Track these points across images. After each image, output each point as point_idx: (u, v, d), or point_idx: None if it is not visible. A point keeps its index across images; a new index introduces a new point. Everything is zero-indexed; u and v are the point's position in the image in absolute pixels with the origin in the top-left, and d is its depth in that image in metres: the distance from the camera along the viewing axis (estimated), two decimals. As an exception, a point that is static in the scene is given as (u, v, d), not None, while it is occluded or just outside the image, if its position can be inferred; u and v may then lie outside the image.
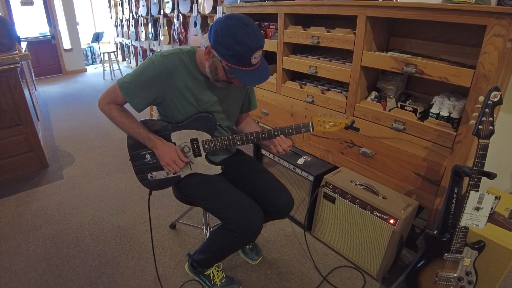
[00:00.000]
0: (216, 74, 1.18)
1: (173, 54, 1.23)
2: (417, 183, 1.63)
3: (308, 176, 1.81)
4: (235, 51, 1.05)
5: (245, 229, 1.25)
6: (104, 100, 1.29)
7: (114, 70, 6.00)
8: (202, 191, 1.35)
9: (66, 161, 2.86)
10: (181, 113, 1.31)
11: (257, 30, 1.08)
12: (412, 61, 1.50)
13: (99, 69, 6.76)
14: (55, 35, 5.92)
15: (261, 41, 1.08)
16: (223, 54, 1.08)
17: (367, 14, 1.59)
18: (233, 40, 1.04)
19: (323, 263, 1.73)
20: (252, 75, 1.12)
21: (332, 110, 1.86)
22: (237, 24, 1.05)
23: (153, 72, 1.21)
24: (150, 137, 1.28)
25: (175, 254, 1.79)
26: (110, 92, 1.28)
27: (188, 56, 1.25)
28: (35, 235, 1.96)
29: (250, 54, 1.06)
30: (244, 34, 1.04)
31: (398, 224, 1.50)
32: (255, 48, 1.06)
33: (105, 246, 1.86)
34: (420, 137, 1.56)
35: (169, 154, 1.27)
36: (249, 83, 1.15)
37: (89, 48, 7.08)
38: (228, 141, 1.33)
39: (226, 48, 1.06)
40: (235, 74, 1.11)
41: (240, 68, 1.10)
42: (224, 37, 1.06)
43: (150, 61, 1.22)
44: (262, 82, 1.16)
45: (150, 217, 1.56)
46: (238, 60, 1.08)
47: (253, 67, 1.11)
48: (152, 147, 1.30)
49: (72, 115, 4.10)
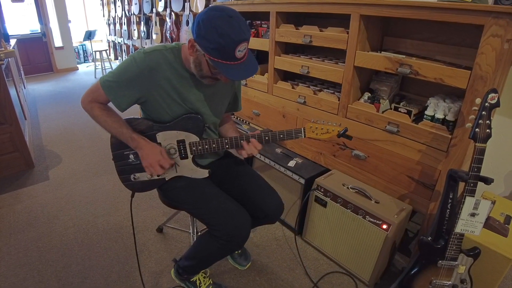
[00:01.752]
0: (200, 69, 1.11)
1: (156, 51, 1.15)
2: (411, 187, 1.57)
3: (299, 179, 1.74)
4: (218, 44, 0.98)
5: (231, 236, 1.18)
6: (87, 99, 1.22)
7: (106, 69, 5.87)
8: (187, 195, 1.27)
9: (53, 161, 2.76)
10: (167, 112, 1.24)
11: (241, 22, 1.01)
12: (407, 61, 1.45)
13: (91, 68, 6.62)
14: (46, 32, 5.77)
15: (246, 33, 1.01)
16: (206, 47, 1.02)
17: (361, 12, 1.53)
18: (215, 32, 0.97)
19: (314, 269, 1.67)
20: (237, 70, 1.04)
21: (325, 112, 1.80)
22: (220, 15, 0.98)
23: (135, 70, 1.13)
24: (133, 137, 1.21)
25: (161, 259, 1.71)
26: (93, 91, 1.21)
27: (173, 52, 1.18)
28: (17, 239, 1.87)
29: (233, 47, 0.99)
30: (227, 26, 0.97)
31: (391, 230, 1.45)
32: (239, 41, 0.99)
33: (90, 250, 1.78)
34: (414, 140, 1.50)
35: (153, 156, 1.20)
36: (234, 78, 1.07)
37: (81, 46, 6.93)
38: (217, 144, 1.26)
39: (208, 41, 1.00)
40: (219, 68, 1.04)
41: (224, 62, 1.02)
42: (207, 29, 0.99)
43: (132, 59, 1.14)
44: (248, 77, 1.09)
45: (133, 220, 1.50)
46: (222, 54, 1.01)
47: (238, 61, 1.03)
48: (135, 147, 1.22)
49: (61, 114, 3.99)
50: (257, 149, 1.23)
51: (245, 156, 1.25)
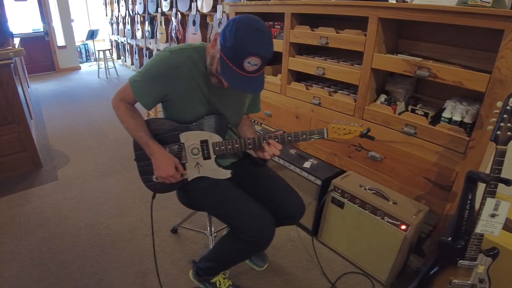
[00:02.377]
0: (211, 64, 1.11)
1: (181, 50, 1.15)
2: (427, 188, 1.58)
3: (316, 180, 1.74)
4: (232, 44, 0.98)
5: (256, 237, 1.16)
6: (117, 97, 1.22)
7: (109, 69, 5.81)
8: (210, 197, 1.26)
9: (61, 161, 2.72)
10: (190, 112, 1.23)
11: (266, 39, 1.00)
12: (426, 64, 1.45)
13: (93, 67, 6.55)
14: (48, 31, 5.70)
15: (263, 50, 0.99)
16: (223, 42, 1.01)
17: (379, 15, 1.53)
18: (236, 33, 0.98)
19: (330, 269, 1.66)
20: (238, 79, 1.03)
21: (340, 113, 1.79)
22: (250, 23, 0.99)
23: (161, 69, 1.13)
24: (149, 144, 1.19)
25: (177, 260, 1.69)
26: (122, 90, 1.21)
27: (198, 52, 1.17)
28: (28, 239, 1.83)
29: (244, 56, 0.98)
30: (249, 34, 0.98)
31: (410, 230, 1.45)
32: (252, 53, 0.98)
33: (104, 251, 1.75)
34: (432, 142, 1.50)
35: (166, 169, 1.19)
36: (230, 83, 1.04)
37: (83, 46, 6.86)
38: (240, 145, 1.25)
39: (227, 38, 1.00)
40: (222, 67, 1.03)
41: (231, 65, 1.02)
42: (232, 28, 0.99)
43: (158, 57, 1.14)
44: (245, 90, 1.08)
45: (152, 222, 1.46)
46: (232, 56, 1.00)
47: (244, 73, 1.02)
48: (150, 154, 1.21)
49: (66, 114, 3.94)
50: (278, 150, 1.22)
51: (267, 157, 1.24)
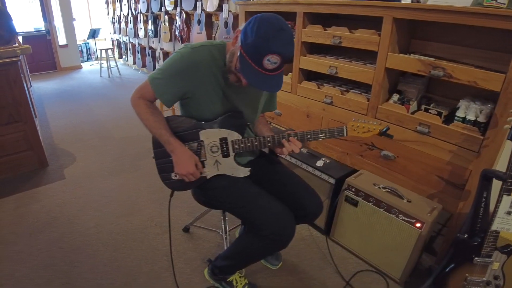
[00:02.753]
0: (230, 61, 1.10)
1: (202, 46, 1.14)
2: (440, 186, 1.58)
3: (329, 178, 1.73)
4: (253, 41, 0.97)
5: (279, 234, 1.15)
6: (136, 95, 1.20)
7: (111, 68, 5.76)
8: (230, 194, 1.25)
9: (67, 160, 2.69)
10: (209, 109, 1.22)
11: (288, 39, 1.00)
12: (440, 64, 1.45)
13: (95, 66, 6.50)
14: (50, 30, 5.63)
15: (284, 50, 0.98)
16: (244, 39, 1.01)
17: (394, 15, 1.53)
18: (258, 30, 0.97)
19: (343, 267, 1.66)
20: (257, 76, 1.02)
21: (353, 112, 1.79)
22: (273, 22, 0.98)
23: (182, 65, 1.12)
24: (170, 141, 1.18)
25: (190, 259, 1.68)
26: (142, 87, 1.19)
27: (218, 49, 1.16)
28: (38, 239, 1.80)
29: (264, 53, 0.97)
30: (271, 32, 0.97)
31: (425, 228, 1.45)
32: (272, 51, 0.97)
33: (115, 251, 1.73)
34: (445, 141, 1.51)
35: (187, 166, 1.18)
36: (249, 81, 1.03)
37: (84, 45, 6.79)
38: (259, 142, 1.24)
39: (248, 35, 0.99)
40: (241, 64, 1.03)
41: (250, 62, 1.01)
42: (254, 25, 0.98)
43: (179, 54, 1.13)
44: (264, 89, 1.08)
45: (170, 221, 1.44)
46: (252, 53, 0.99)
47: (263, 71, 1.01)
48: (170, 151, 1.20)
49: (70, 113, 3.89)
50: (298, 147, 1.22)
51: (286, 154, 1.23)
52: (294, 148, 1.21)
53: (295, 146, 1.21)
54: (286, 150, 1.21)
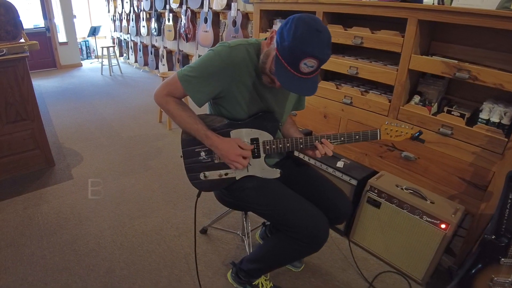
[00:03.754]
0: (264, 63, 1.04)
1: (241, 45, 1.08)
2: (461, 188, 1.56)
3: (351, 180, 1.69)
4: (290, 43, 0.92)
5: (313, 237, 1.11)
6: (162, 92, 1.13)
7: (113, 66, 5.62)
8: (261, 196, 1.19)
9: (74, 160, 2.58)
10: (243, 109, 1.16)
11: (326, 42, 0.94)
12: (466, 66, 1.43)
13: (95, 64, 6.33)
14: (50, 27, 5.46)
15: (322, 53, 0.93)
16: (280, 41, 0.95)
17: (419, 17, 1.50)
18: (295, 32, 0.92)
19: (365, 269, 1.62)
20: (291, 79, 0.97)
21: (374, 113, 1.76)
22: (311, 24, 0.92)
23: (220, 64, 1.05)
24: (208, 135, 1.12)
25: (211, 262, 1.61)
26: (169, 84, 1.11)
27: (254, 48, 1.11)
28: (50, 241, 1.72)
29: (301, 57, 0.92)
30: (308, 35, 0.91)
31: (450, 229, 1.42)
32: (310, 55, 0.92)
33: (132, 253, 1.65)
34: (469, 143, 1.48)
35: (233, 150, 1.12)
36: (284, 85, 0.98)
37: (84, 42, 6.61)
38: (291, 144, 1.19)
39: (285, 36, 0.94)
40: (276, 67, 0.98)
41: (285, 65, 0.96)
42: (291, 26, 0.93)
43: (216, 53, 1.06)
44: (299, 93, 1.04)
45: (196, 222, 1.39)
46: (288, 55, 0.94)
47: (298, 74, 0.96)
48: (210, 145, 1.14)
49: (73, 111, 3.76)
50: (330, 150, 1.17)
51: (318, 156, 1.19)
52: (327, 150, 1.16)
53: (328, 149, 1.16)
54: (319, 152, 1.16)
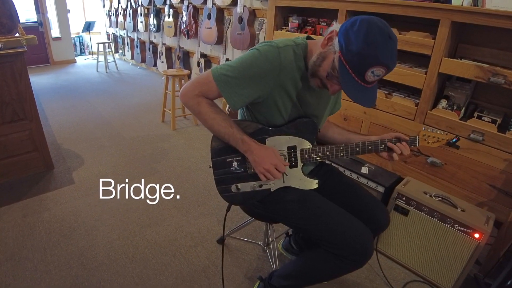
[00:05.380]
0: (319, 65, 0.91)
1: (288, 46, 0.95)
2: (491, 195, 1.48)
3: (377, 186, 1.58)
4: (360, 48, 0.80)
5: (361, 255, 0.99)
6: (192, 92, 0.97)
7: (108, 62, 5.33)
8: (301, 210, 1.06)
9: (74, 162, 2.38)
10: (281, 115, 1.03)
11: (395, 50, 0.83)
12: (502, 71, 1.34)
13: (89, 61, 6.01)
14: (43, 22, 5.12)
15: (391, 62, 0.82)
16: (345, 45, 0.82)
17: (453, 19, 1.40)
18: (367, 37, 0.79)
19: (392, 279, 1.52)
20: (357, 89, 0.85)
21: (399, 117, 1.65)
22: (383, 28, 0.81)
23: (266, 67, 0.92)
24: (245, 139, 0.99)
25: (232, 275, 1.47)
26: (201, 84, 0.96)
27: (301, 49, 0.97)
28: (54, 254, 1.54)
29: (370, 64, 0.81)
30: (381, 41, 0.79)
31: (483, 238, 1.33)
32: (380, 64, 0.81)
33: (146, 267, 1.50)
34: (501, 149, 1.40)
35: (269, 159, 0.98)
36: (350, 94, 0.86)
37: (77, 38, 6.25)
38: (331, 152, 1.06)
39: (352, 41, 0.81)
40: (341, 74, 0.85)
41: (351, 73, 0.84)
42: (361, 29, 0.80)
43: (263, 53, 0.92)
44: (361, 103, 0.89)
45: (224, 235, 1.24)
46: (355, 62, 0.82)
47: (362, 82, 0.84)
48: (245, 150, 1.00)
49: (70, 110, 3.52)
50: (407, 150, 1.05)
51: (396, 159, 1.05)
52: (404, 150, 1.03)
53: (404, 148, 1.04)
54: (396, 154, 1.04)
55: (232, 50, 3.41)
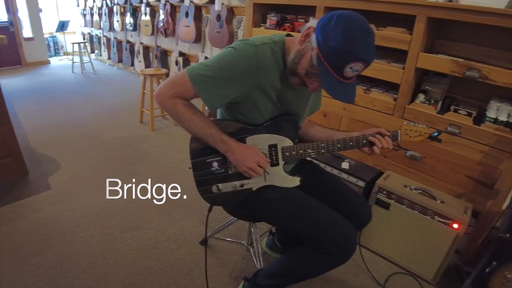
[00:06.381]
0: (297, 63, 0.91)
1: (266, 44, 0.94)
2: (469, 186, 1.53)
3: (358, 181, 1.61)
4: (338, 44, 0.80)
5: (345, 251, 1.01)
6: (168, 93, 0.96)
7: (84, 63, 5.17)
8: (284, 208, 1.06)
9: (50, 167, 2.30)
10: (261, 114, 1.03)
11: (373, 45, 0.84)
12: (476, 65, 1.39)
13: (64, 62, 5.81)
14: (14, 21, 4.90)
15: (370, 57, 0.83)
16: (324, 41, 0.82)
17: (429, 15, 1.44)
18: (345, 32, 0.80)
19: (376, 272, 1.55)
20: (336, 85, 0.86)
21: (378, 112, 1.69)
22: (361, 24, 0.81)
23: (243, 65, 0.91)
24: (224, 139, 0.98)
25: (217, 276, 1.47)
26: (177, 84, 0.95)
27: (279, 46, 0.97)
28: (32, 264, 1.48)
29: (349, 60, 0.81)
30: (360, 36, 0.80)
31: (462, 228, 1.39)
32: (359, 59, 0.81)
33: (128, 272, 1.47)
34: (477, 141, 1.46)
35: (251, 157, 0.99)
36: (329, 91, 0.87)
37: (51, 38, 6.03)
38: (312, 149, 1.07)
39: (331, 37, 0.81)
40: (320, 71, 0.86)
41: (329, 69, 0.84)
42: (338, 25, 0.81)
43: (240, 52, 0.91)
44: (343, 100, 0.90)
45: (207, 236, 1.23)
46: (333, 58, 0.82)
47: (341, 78, 0.85)
48: (225, 151, 1.00)
49: (45, 113, 3.39)
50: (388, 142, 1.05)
51: (377, 152, 1.06)
52: (385, 143, 1.04)
53: (385, 142, 1.04)
54: (377, 148, 1.04)
55: (211, 48, 3.39)
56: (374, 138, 1.04)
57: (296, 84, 0.97)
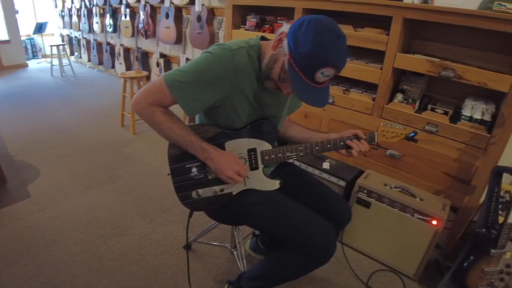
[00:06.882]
0: (271, 68, 0.93)
1: (242, 48, 0.95)
2: (447, 182, 1.59)
3: (339, 181, 1.64)
4: (309, 51, 0.82)
5: (325, 251, 1.03)
6: (146, 101, 0.95)
7: (64, 66, 5.06)
8: (265, 211, 1.08)
9: (29, 174, 2.25)
10: (240, 118, 1.04)
11: (345, 49, 0.86)
12: (451, 65, 1.44)
13: (43, 64, 5.66)
14: (-13, 23, 4.75)
15: (341, 62, 0.85)
16: (294, 47, 0.84)
17: (404, 15, 1.48)
18: (315, 38, 0.81)
19: (359, 270, 1.59)
20: (307, 90, 0.88)
21: (357, 112, 1.72)
22: (331, 28, 0.83)
23: (220, 70, 0.92)
24: (204, 147, 0.99)
25: (201, 280, 1.47)
26: (154, 92, 0.95)
27: (254, 50, 0.98)
28: (12, 274, 1.46)
29: (320, 66, 0.83)
30: (330, 41, 0.82)
31: (440, 224, 1.44)
32: (329, 64, 0.83)
33: (111, 279, 1.46)
34: (453, 139, 1.51)
35: (231, 165, 1.00)
36: (301, 97, 0.89)
37: (29, 41, 5.85)
38: (291, 152, 1.09)
39: (300, 43, 0.83)
40: (291, 77, 0.87)
41: (300, 75, 0.86)
42: (308, 30, 0.82)
43: (216, 56, 0.92)
44: (315, 105, 0.91)
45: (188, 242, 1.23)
46: (304, 64, 0.84)
47: (312, 83, 0.87)
48: (205, 158, 1.00)
49: (24, 118, 3.30)
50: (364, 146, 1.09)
51: (355, 155, 1.09)
52: (362, 147, 1.08)
53: (362, 145, 1.08)
54: (355, 151, 1.07)
55: (192, 50, 3.38)
56: (351, 143, 1.07)
57: (271, 88, 0.98)
